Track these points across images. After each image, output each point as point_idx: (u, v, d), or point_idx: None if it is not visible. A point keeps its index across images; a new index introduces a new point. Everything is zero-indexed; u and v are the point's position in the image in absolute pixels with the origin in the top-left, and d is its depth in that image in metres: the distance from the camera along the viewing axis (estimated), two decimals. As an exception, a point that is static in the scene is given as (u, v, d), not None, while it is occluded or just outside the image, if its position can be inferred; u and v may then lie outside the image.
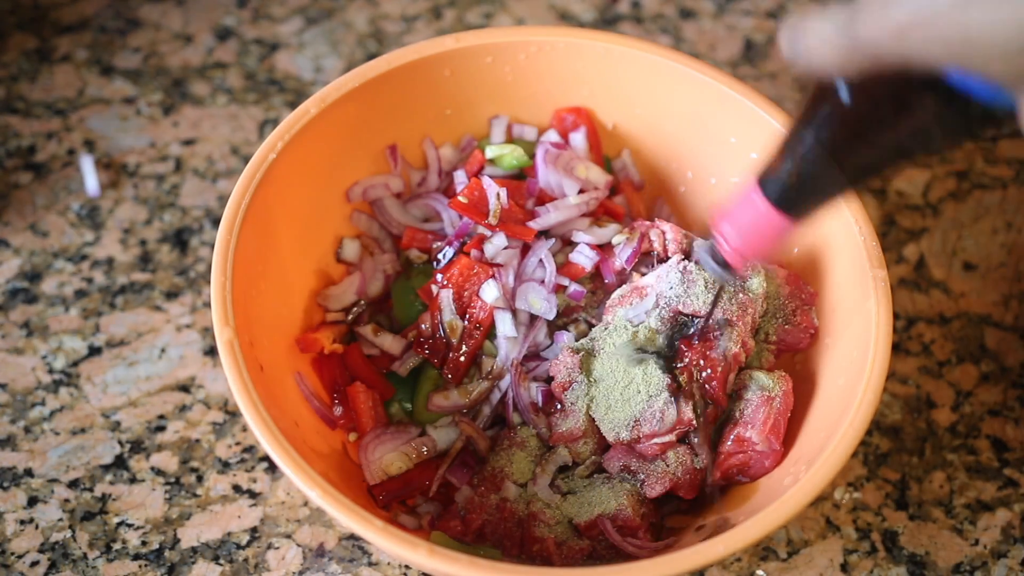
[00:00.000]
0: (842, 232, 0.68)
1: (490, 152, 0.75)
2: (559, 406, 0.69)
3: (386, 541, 0.56)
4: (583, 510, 0.66)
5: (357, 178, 0.76)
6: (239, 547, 0.72)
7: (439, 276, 0.72)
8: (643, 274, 0.72)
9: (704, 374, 0.66)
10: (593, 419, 0.68)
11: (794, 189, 0.56)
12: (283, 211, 0.70)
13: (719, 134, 0.75)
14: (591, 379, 0.68)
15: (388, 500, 0.69)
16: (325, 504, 0.57)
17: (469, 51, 0.74)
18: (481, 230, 0.71)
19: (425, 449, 0.71)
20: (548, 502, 0.67)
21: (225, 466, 0.75)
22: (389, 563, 0.72)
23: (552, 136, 0.77)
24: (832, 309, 0.70)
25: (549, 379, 0.70)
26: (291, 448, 0.59)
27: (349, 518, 0.57)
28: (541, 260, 0.71)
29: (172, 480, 0.74)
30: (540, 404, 0.70)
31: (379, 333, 0.73)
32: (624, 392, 0.66)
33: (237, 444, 0.76)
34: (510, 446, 0.69)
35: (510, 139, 0.78)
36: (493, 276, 0.70)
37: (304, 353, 0.72)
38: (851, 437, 0.60)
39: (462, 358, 0.71)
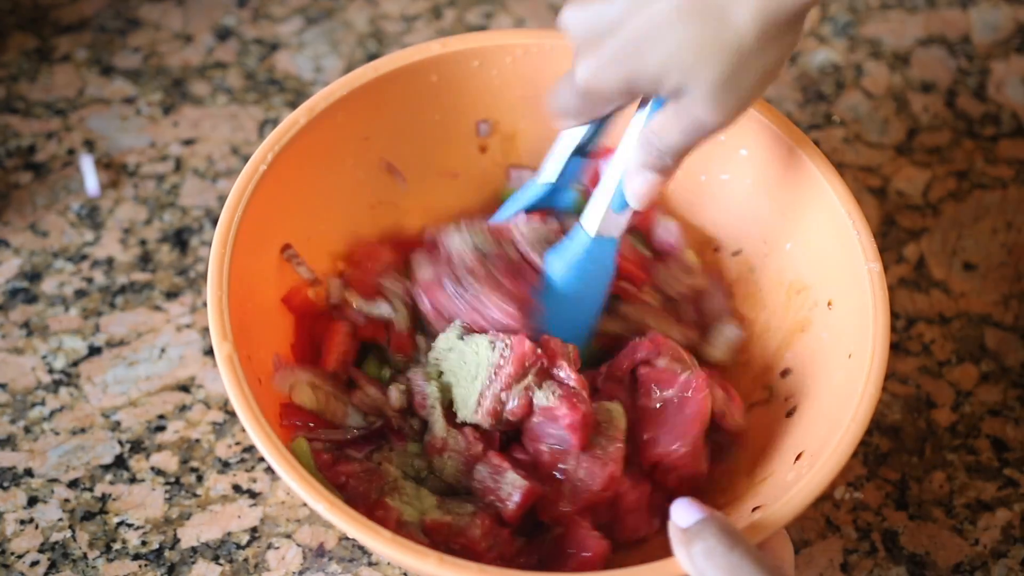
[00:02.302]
0: (835, 225, 0.68)
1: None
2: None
3: (395, 552, 0.56)
4: (436, 510, 0.65)
5: (350, 186, 0.75)
6: (239, 547, 0.72)
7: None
8: None
9: None
10: (456, 426, 0.67)
11: None
12: (276, 223, 0.70)
13: None
14: (440, 381, 0.68)
15: (284, 420, 0.68)
16: (333, 517, 0.57)
17: (456, 56, 0.74)
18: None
19: (331, 411, 0.70)
20: (408, 486, 0.67)
21: (225, 466, 0.75)
22: (389, 563, 0.72)
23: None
24: (827, 304, 0.70)
25: None
26: (296, 462, 0.58)
27: (357, 530, 0.57)
28: None
29: (172, 480, 0.74)
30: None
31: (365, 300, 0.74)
32: (465, 374, 0.66)
33: (237, 444, 0.76)
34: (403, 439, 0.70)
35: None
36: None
37: (291, 308, 0.72)
38: (854, 433, 0.60)
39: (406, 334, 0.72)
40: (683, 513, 0.56)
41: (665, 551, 0.57)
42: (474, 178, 0.79)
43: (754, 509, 0.63)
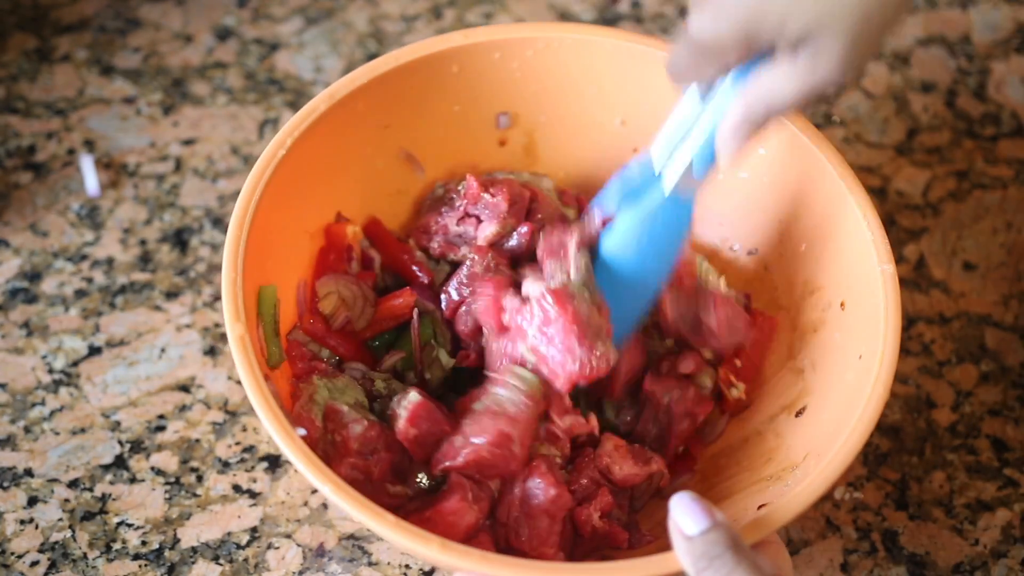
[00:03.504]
0: (850, 226, 0.68)
1: None
2: None
3: (397, 536, 0.56)
4: (343, 401, 0.67)
5: (369, 174, 0.75)
6: (239, 547, 0.72)
7: None
8: None
9: None
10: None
11: None
12: (293, 208, 0.70)
13: None
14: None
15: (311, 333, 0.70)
16: (338, 499, 0.57)
17: (477, 47, 0.74)
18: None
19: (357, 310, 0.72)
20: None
21: (225, 466, 0.75)
22: (389, 563, 0.72)
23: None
24: (840, 305, 0.70)
25: None
26: (303, 444, 0.58)
27: (361, 512, 0.57)
28: None
29: (172, 480, 0.74)
30: None
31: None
32: None
33: (237, 444, 0.76)
34: None
35: None
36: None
37: (325, 235, 0.73)
38: (860, 434, 0.60)
39: None
40: (689, 518, 0.54)
41: None
42: (493, 171, 0.80)
43: (760, 507, 0.63)
